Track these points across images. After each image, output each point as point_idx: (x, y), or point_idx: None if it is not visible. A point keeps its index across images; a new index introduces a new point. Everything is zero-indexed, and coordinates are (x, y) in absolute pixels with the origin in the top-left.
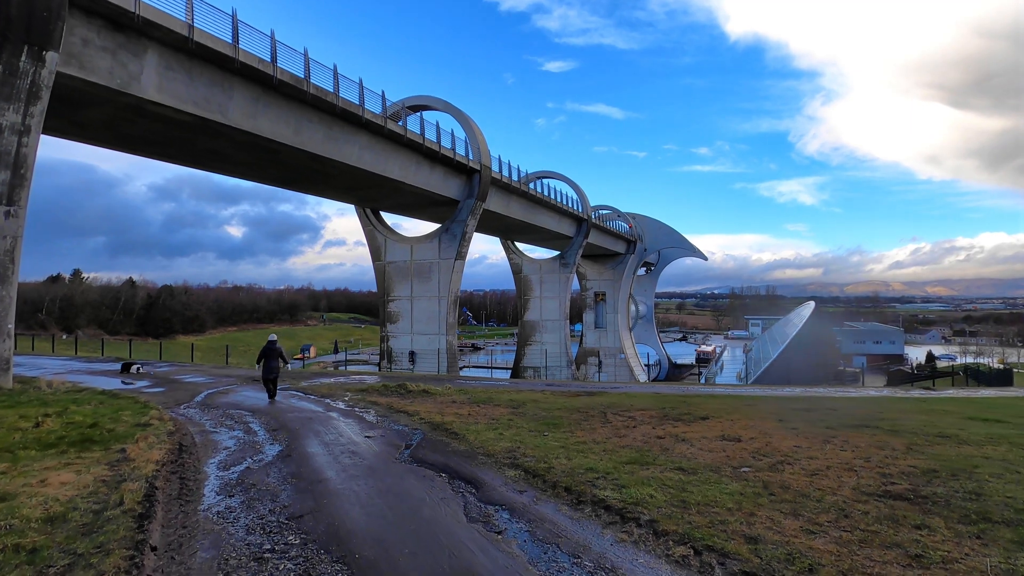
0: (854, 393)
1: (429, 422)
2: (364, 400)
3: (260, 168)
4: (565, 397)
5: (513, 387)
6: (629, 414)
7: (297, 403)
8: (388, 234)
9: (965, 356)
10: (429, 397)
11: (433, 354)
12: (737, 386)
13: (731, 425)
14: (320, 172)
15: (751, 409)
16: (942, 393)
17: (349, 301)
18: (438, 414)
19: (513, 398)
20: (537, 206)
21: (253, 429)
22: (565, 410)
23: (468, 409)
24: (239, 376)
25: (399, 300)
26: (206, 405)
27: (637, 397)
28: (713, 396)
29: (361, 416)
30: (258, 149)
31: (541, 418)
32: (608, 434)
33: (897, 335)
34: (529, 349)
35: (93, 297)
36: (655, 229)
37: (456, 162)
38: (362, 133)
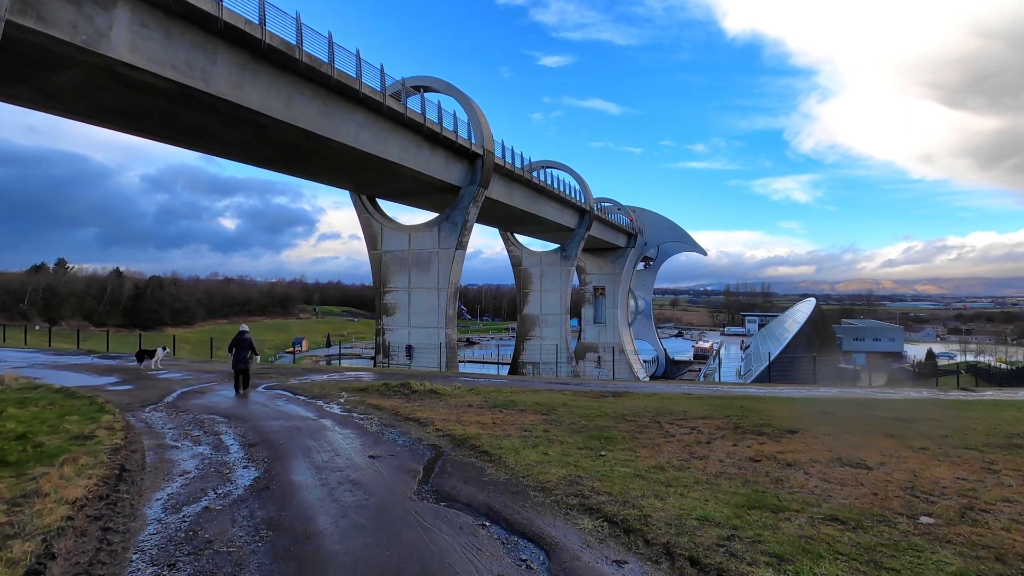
0: (894, 394)
1: (448, 434)
2: (363, 403)
3: (249, 147)
4: (591, 398)
5: (528, 386)
6: (688, 424)
7: (284, 406)
8: (385, 222)
9: (965, 355)
10: (438, 399)
11: (431, 349)
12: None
13: (832, 442)
14: (314, 152)
15: (830, 418)
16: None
17: (343, 294)
18: (456, 423)
19: (538, 401)
20: (540, 196)
21: (225, 443)
22: (606, 417)
23: (490, 416)
24: (221, 372)
25: (396, 292)
26: (175, 408)
27: (675, 399)
28: (763, 399)
29: (361, 425)
30: (246, 124)
31: (583, 429)
32: (682, 454)
33: (897, 333)
34: (528, 344)
35: (78, 287)
36: (656, 223)
37: (458, 145)
38: (359, 110)
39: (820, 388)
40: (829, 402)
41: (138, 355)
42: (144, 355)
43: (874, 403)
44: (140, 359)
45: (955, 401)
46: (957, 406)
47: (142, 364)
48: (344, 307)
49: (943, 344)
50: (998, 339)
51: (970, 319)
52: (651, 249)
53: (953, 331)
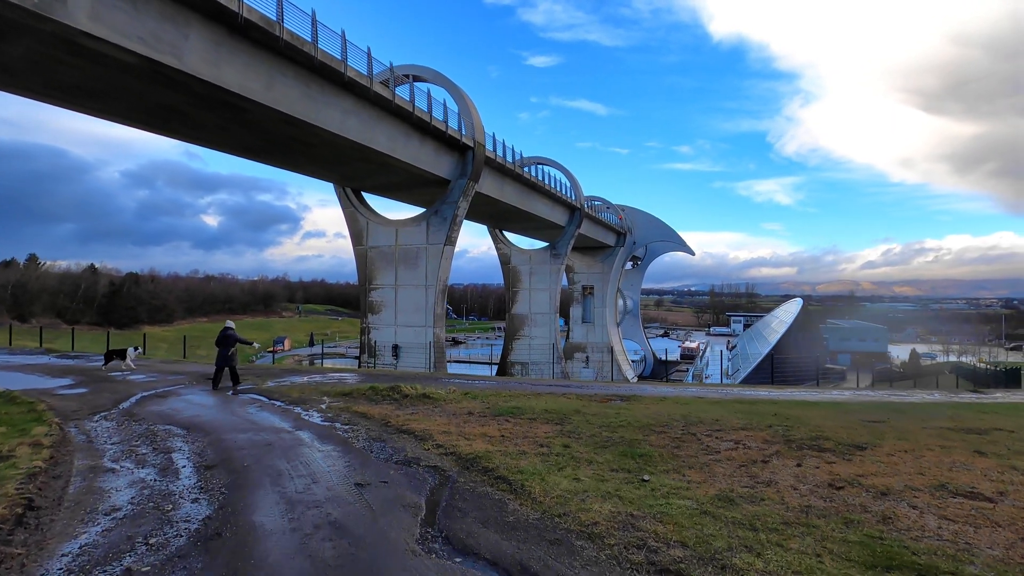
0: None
1: (452, 452)
2: (348, 410)
3: (227, 133)
4: (600, 403)
5: (528, 390)
6: (728, 436)
7: (256, 414)
8: (371, 216)
9: (948, 355)
10: (433, 405)
11: (419, 348)
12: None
13: (915, 461)
14: (297, 140)
15: (886, 429)
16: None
17: (327, 293)
18: (459, 436)
19: (546, 408)
20: (531, 191)
21: (176, 465)
22: (630, 427)
23: (496, 426)
24: (191, 374)
25: (382, 289)
26: (129, 416)
27: (693, 404)
28: (790, 404)
29: (345, 439)
30: (223, 106)
31: (609, 442)
32: (741, 478)
33: (881, 333)
34: (517, 343)
35: (50, 284)
36: (645, 222)
37: (448, 136)
38: (345, 95)
39: (833, 391)
40: (863, 408)
41: (106, 355)
42: (113, 355)
43: (913, 408)
44: (108, 359)
45: (989, 404)
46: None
47: (107, 365)
48: (328, 305)
49: (925, 345)
50: (978, 339)
51: (947, 320)
52: (639, 248)
53: (934, 332)
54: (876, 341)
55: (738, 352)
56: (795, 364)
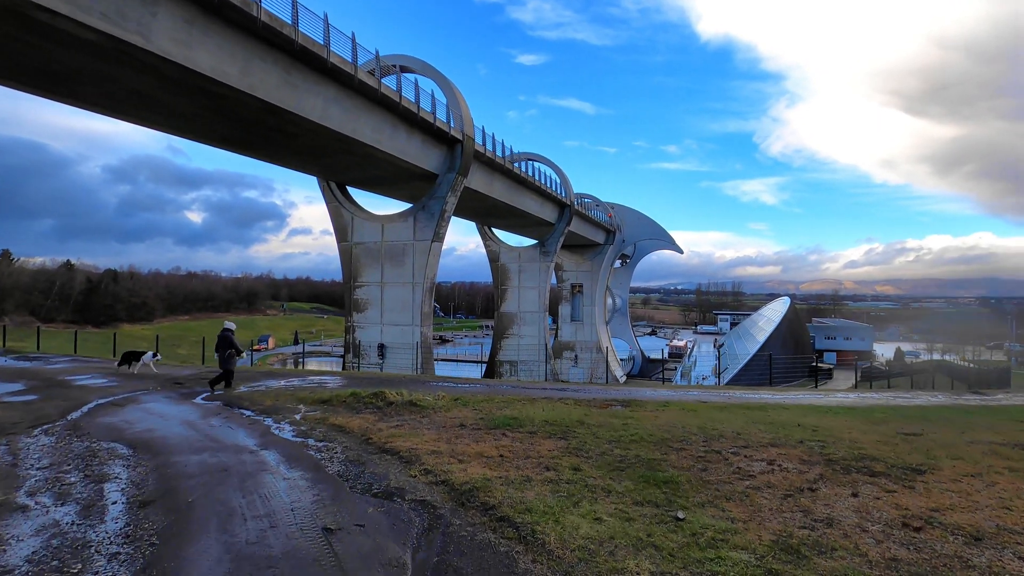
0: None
1: (444, 481)
2: (325, 422)
3: (202, 121)
4: (599, 408)
5: (522, 394)
6: (759, 454)
7: (219, 427)
8: (356, 211)
9: (932, 353)
10: (421, 414)
11: (406, 348)
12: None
13: (988, 489)
14: (277, 130)
15: (925, 443)
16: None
17: (312, 290)
18: (451, 457)
19: (547, 419)
20: (521, 187)
21: (104, 501)
22: (643, 443)
23: (493, 442)
24: (158, 378)
25: (368, 286)
26: (74, 429)
27: (701, 411)
28: (806, 409)
29: (318, 462)
30: (197, 92)
31: (624, 463)
32: (793, 514)
33: (867, 332)
34: (505, 342)
35: (24, 280)
36: (634, 220)
37: (436, 128)
38: (328, 83)
39: (837, 394)
40: (884, 415)
41: (124, 356)
42: (130, 358)
43: (938, 416)
44: (124, 361)
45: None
46: None
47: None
48: (313, 303)
49: (907, 343)
50: (959, 338)
51: (928, 318)
52: (628, 247)
53: (915, 330)
54: (862, 340)
55: (726, 351)
56: (784, 363)
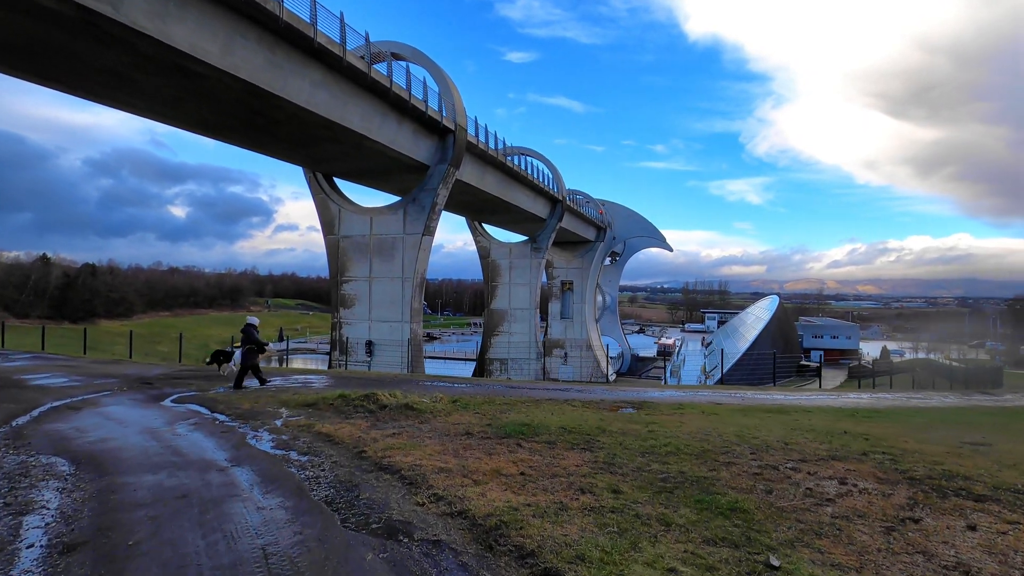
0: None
1: (460, 511)
2: (310, 429)
3: (181, 103)
4: (610, 411)
5: (523, 395)
6: (825, 472)
7: (186, 436)
8: (343, 203)
9: (916, 352)
10: (419, 419)
11: (394, 344)
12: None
13: None
14: (261, 115)
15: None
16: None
17: (297, 287)
18: (463, 476)
19: (560, 423)
20: (513, 181)
21: (15, 541)
22: (680, 455)
23: (507, 455)
24: (126, 377)
25: (355, 281)
26: (16, 438)
27: (722, 414)
28: (835, 412)
29: (300, 484)
30: (174, 71)
31: (668, 482)
32: (916, 559)
33: (853, 331)
34: (496, 340)
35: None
36: (625, 217)
37: (428, 117)
38: (314, 65)
39: (850, 394)
40: (925, 417)
41: (213, 355)
42: (220, 356)
43: (982, 421)
44: (215, 361)
45: None
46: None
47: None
48: (299, 300)
49: (891, 342)
50: (942, 337)
51: (909, 318)
52: (618, 244)
53: (898, 329)
54: (848, 338)
55: (714, 349)
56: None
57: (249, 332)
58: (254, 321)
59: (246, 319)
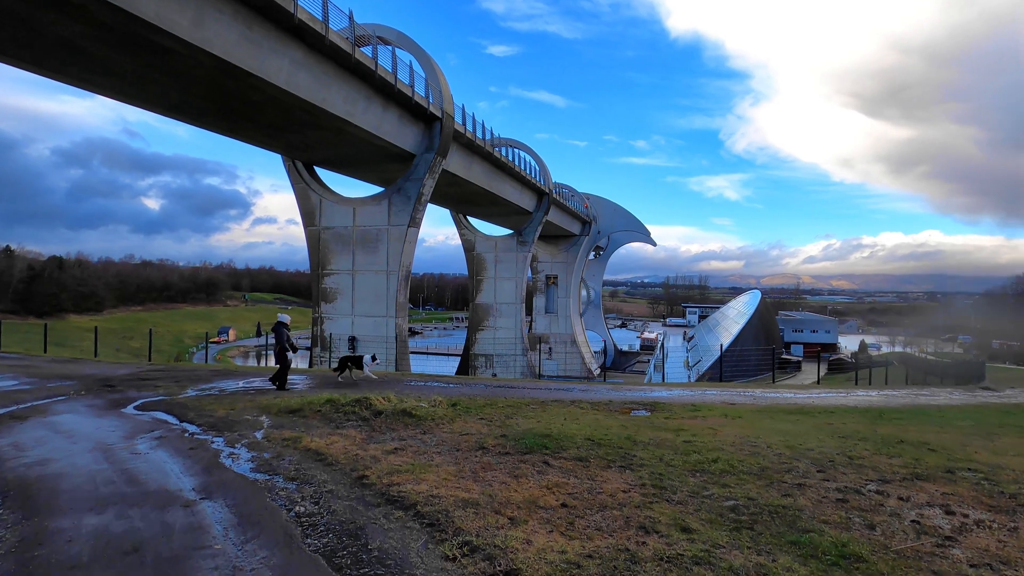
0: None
1: (508, 573)
2: (296, 445)
3: (148, 82)
4: (623, 415)
5: (526, 395)
6: (921, 496)
7: (146, 456)
8: (325, 193)
9: (893, 346)
10: (420, 429)
11: (378, 340)
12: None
13: None
14: (237, 96)
15: None
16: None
17: (275, 281)
18: (495, 513)
19: (584, 433)
20: (500, 173)
21: None
22: (737, 475)
23: (539, 481)
24: (85, 379)
25: (338, 274)
26: None
27: (747, 417)
28: (865, 412)
29: (289, 526)
30: (140, 46)
31: (741, 514)
32: None
33: (832, 325)
34: (481, 335)
35: None
36: (610, 211)
37: (415, 103)
38: (294, 43)
39: (858, 391)
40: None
41: (340, 362)
42: (348, 363)
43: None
44: (341, 368)
45: None
46: None
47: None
48: (277, 294)
49: (868, 336)
50: (916, 331)
51: (882, 312)
52: (603, 238)
53: (872, 323)
54: (827, 332)
55: (697, 343)
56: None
57: (280, 332)
58: (285, 319)
59: (277, 317)
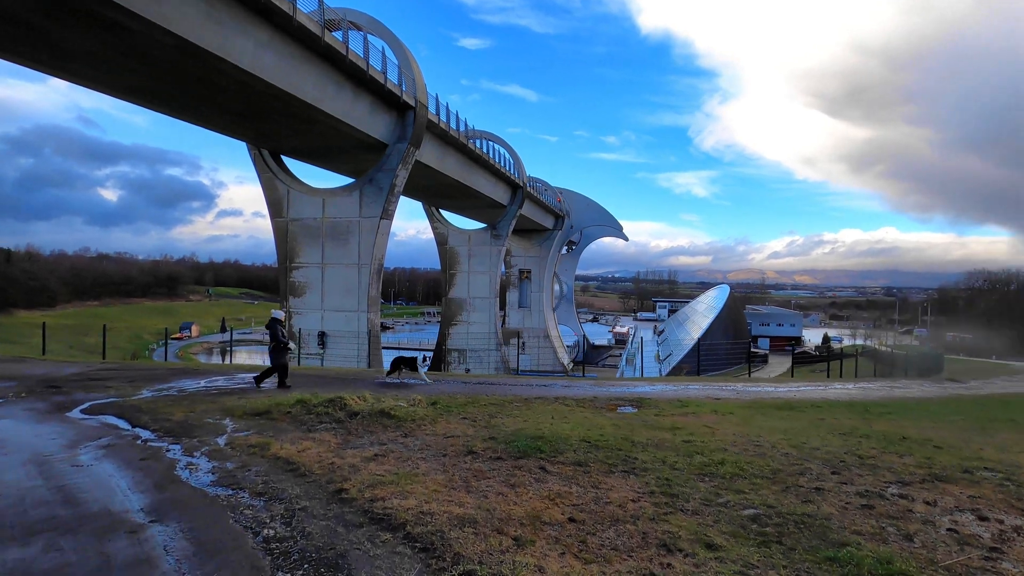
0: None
1: None
2: (264, 452)
3: (103, 61)
4: (611, 412)
5: (507, 392)
6: (947, 500)
7: (91, 466)
8: (293, 184)
9: (854, 339)
10: (401, 431)
11: (349, 336)
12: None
13: None
14: (201, 79)
15: None
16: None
17: (240, 275)
18: (497, 533)
19: (577, 434)
20: (474, 165)
21: None
22: (748, 479)
23: (539, 491)
24: (27, 379)
25: (307, 268)
26: None
27: (739, 413)
28: (853, 406)
29: (257, 558)
30: (91, 20)
31: (765, 525)
32: None
33: (797, 319)
34: (454, 329)
35: None
36: (583, 205)
37: (387, 91)
38: (260, 23)
39: (835, 384)
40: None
41: (393, 363)
42: (401, 364)
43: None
44: (394, 369)
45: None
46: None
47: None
48: (243, 288)
49: (828, 329)
50: (875, 324)
51: (842, 306)
52: (575, 233)
53: (835, 317)
54: (792, 326)
55: (667, 337)
56: (726, 349)
57: (275, 328)
58: (279, 315)
59: (271, 313)
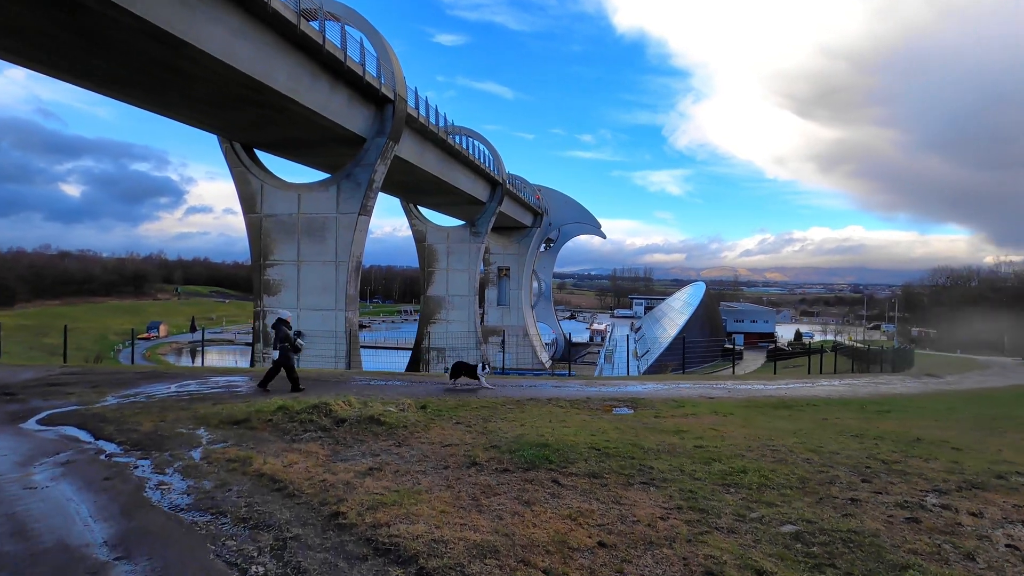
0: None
1: None
2: (246, 469)
3: (64, 48)
4: (606, 413)
5: (498, 394)
6: (992, 513)
7: (46, 488)
8: (267, 178)
9: (825, 334)
10: (394, 441)
11: (326, 335)
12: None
13: None
14: (170, 67)
15: None
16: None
17: (211, 273)
18: (524, 566)
19: (583, 440)
20: (454, 161)
21: None
22: (777, 489)
23: (557, 508)
24: None
25: (282, 265)
26: None
27: (736, 414)
28: (847, 404)
29: None
30: (55, 3)
31: (811, 544)
32: None
33: (770, 315)
34: (433, 328)
35: None
36: (561, 203)
37: (365, 83)
38: (233, 9)
39: (821, 380)
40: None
41: (454, 369)
42: (461, 371)
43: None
44: (455, 375)
45: None
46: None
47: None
48: (213, 287)
49: (799, 325)
50: (844, 320)
51: (812, 303)
52: (554, 230)
53: (805, 313)
54: (766, 323)
55: (644, 334)
56: (704, 345)
57: (281, 329)
58: (285, 315)
59: (277, 314)
